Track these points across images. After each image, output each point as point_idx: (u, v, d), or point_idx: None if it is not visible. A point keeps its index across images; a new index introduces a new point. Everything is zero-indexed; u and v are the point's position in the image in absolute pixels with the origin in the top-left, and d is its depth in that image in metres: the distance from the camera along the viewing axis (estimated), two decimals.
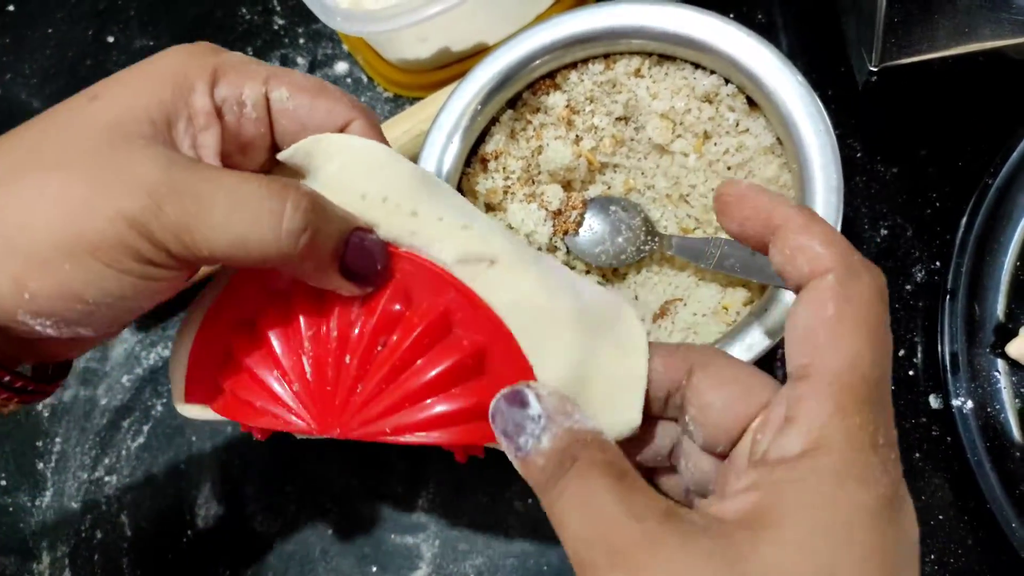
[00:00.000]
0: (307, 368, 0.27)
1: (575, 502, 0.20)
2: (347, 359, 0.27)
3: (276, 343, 0.27)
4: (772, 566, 0.18)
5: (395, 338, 0.26)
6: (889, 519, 0.19)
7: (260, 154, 0.29)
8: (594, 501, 0.20)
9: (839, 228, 0.37)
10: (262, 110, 0.27)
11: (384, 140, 0.29)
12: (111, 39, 0.55)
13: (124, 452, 0.48)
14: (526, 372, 0.26)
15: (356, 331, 0.27)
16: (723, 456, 0.24)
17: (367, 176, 0.27)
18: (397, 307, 0.27)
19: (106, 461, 0.48)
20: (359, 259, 0.26)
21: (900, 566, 0.19)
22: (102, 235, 0.23)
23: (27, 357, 0.28)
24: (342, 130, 0.28)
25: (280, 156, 0.28)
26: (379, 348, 0.26)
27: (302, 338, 0.27)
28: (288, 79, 0.27)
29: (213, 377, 0.30)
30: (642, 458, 0.26)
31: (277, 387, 0.27)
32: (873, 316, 0.21)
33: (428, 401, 0.26)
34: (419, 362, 0.26)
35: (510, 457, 0.23)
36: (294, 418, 0.27)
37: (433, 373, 0.26)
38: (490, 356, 0.26)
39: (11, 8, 0.56)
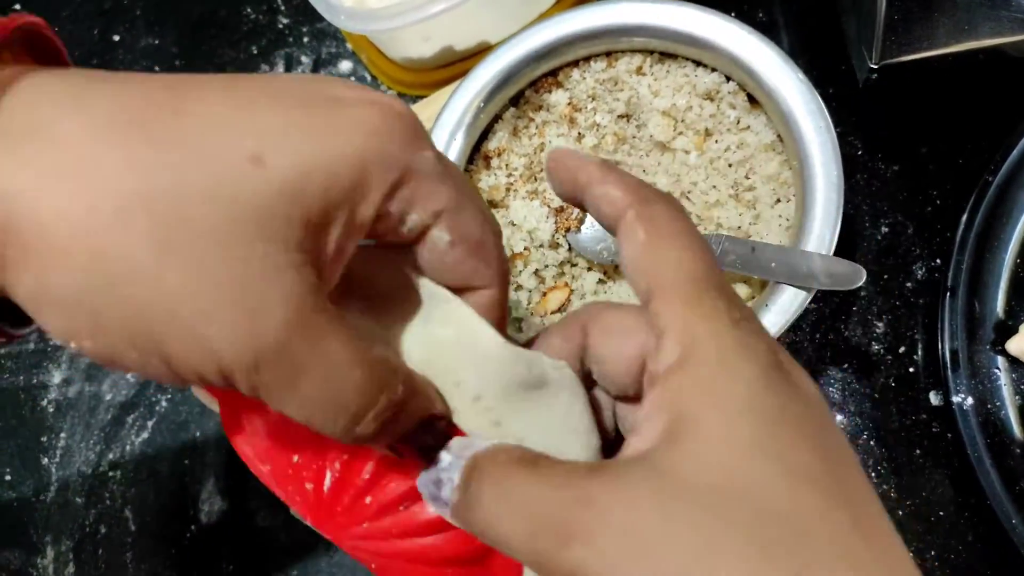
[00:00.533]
0: (327, 481, 0.25)
1: (495, 505, 0.20)
2: (365, 499, 0.25)
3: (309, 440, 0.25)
4: (702, 466, 0.18)
5: (417, 507, 0.25)
6: (781, 380, 0.19)
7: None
8: (514, 494, 0.20)
9: (839, 225, 0.37)
10: (413, 237, 0.23)
11: (504, 320, 0.26)
12: (117, 38, 0.55)
13: (128, 447, 0.48)
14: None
15: (386, 481, 0.25)
16: (639, 399, 0.24)
17: (472, 365, 0.24)
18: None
19: (110, 456, 0.48)
20: (411, 450, 0.23)
21: (811, 422, 0.19)
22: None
23: None
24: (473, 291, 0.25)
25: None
26: (401, 508, 0.25)
27: (339, 450, 0.25)
28: (456, 222, 0.23)
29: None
30: (611, 428, 0.26)
31: (290, 472, 0.25)
32: (677, 225, 0.22)
33: (419, 540, 0.25)
34: (430, 539, 0.25)
35: (450, 519, 0.22)
36: (296, 501, 0.26)
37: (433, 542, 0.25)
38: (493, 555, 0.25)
39: (17, 7, 0.57)
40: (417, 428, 0.23)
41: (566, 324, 0.25)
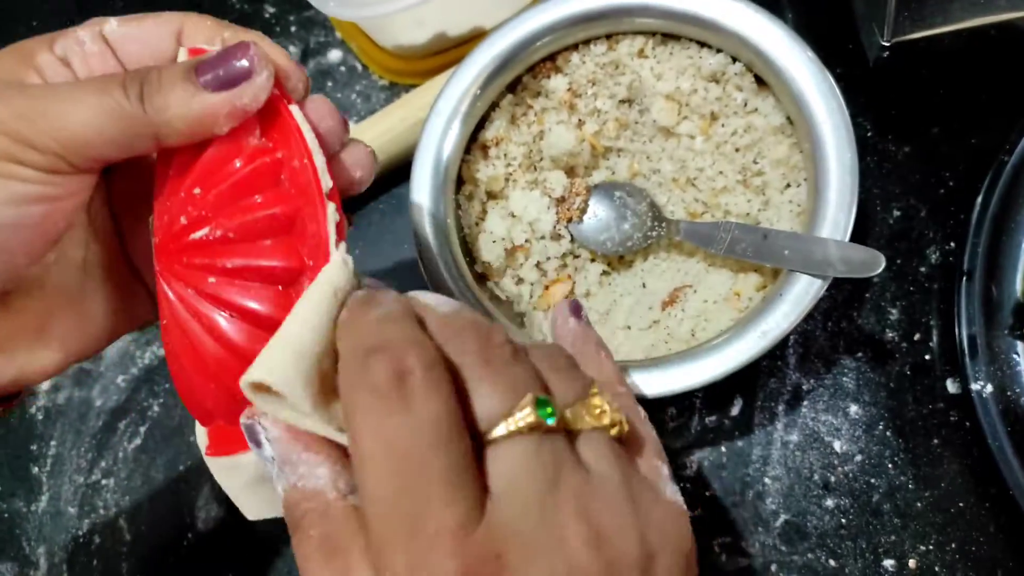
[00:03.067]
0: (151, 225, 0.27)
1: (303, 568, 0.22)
2: (196, 191, 0.26)
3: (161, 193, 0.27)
4: None
5: (224, 172, 0.26)
6: None
7: None
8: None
9: (855, 210, 0.36)
10: (101, 43, 0.28)
11: (221, 21, 0.30)
12: None
13: (121, 454, 0.47)
14: (324, 249, 0.26)
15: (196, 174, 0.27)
16: None
17: None
18: (253, 140, 0.26)
19: (103, 464, 0.47)
20: (218, 71, 0.26)
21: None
22: None
23: None
24: (180, 34, 0.29)
25: None
26: (207, 191, 0.26)
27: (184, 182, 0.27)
28: (112, 18, 0.29)
29: None
30: None
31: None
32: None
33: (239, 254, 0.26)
34: (255, 198, 0.26)
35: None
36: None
37: (256, 211, 0.26)
38: (301, 220, 0.26)
39: None
40: (206, 62, 0.26)
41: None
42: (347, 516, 0.22)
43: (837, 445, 0.42)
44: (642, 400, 0.34)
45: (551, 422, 0.22)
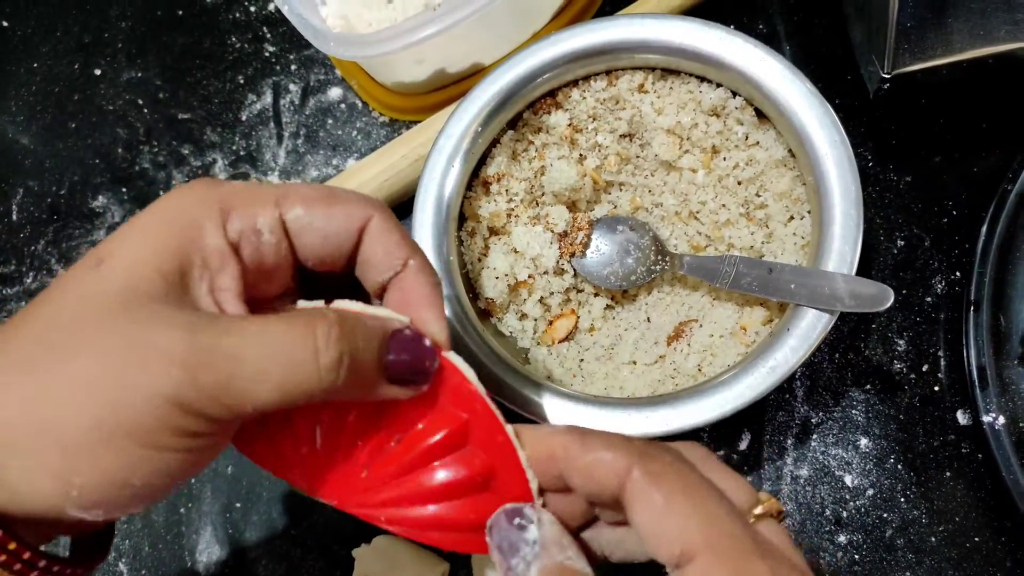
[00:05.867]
0: (317, 437, 0.26)
1: None
2: (358, 443, 0.26)
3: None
4: None
5: (411, 434, 0.26)
6: None
7: (285, 274, 0.27)
8: None
9: (860, 242, 0.36)
10: (279, 233, 0.26)
11: (406, 233, 0.28)
12: (98, 72, 0.54)
13: None
14: (528, 499, 0.26)
15: (374, 421, 0.26)
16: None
17: None
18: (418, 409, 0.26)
19: None
20: (403, 365, 0.25)
21: None
22: (140, 418, 0.21)
23: (62, 529, 0.26)
24: (362, 230, 0.27)
25: None
26: (393, 443, 0.26)
27: (318, 410, 0.26)
28: (298, 195, 0.26)
29: None
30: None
31: (287, 441, 0.26)
32: (688, 479, 0.22)
33: (430, 507, 0.26)
34: (434, 465, 0.26)
35: (500, 571, 0.23)
36: (295, 473, 0.26)
37: (441, 477, 0.25)
38: (497, 478, 0.26)
39: None
40: (394, 359, 0.25)
41: (538, 459, 0.25)
42: None
43: (848, 479, 0.41)
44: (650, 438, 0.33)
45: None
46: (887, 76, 0.38)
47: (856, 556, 0.40)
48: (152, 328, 0.22)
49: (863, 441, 0.41)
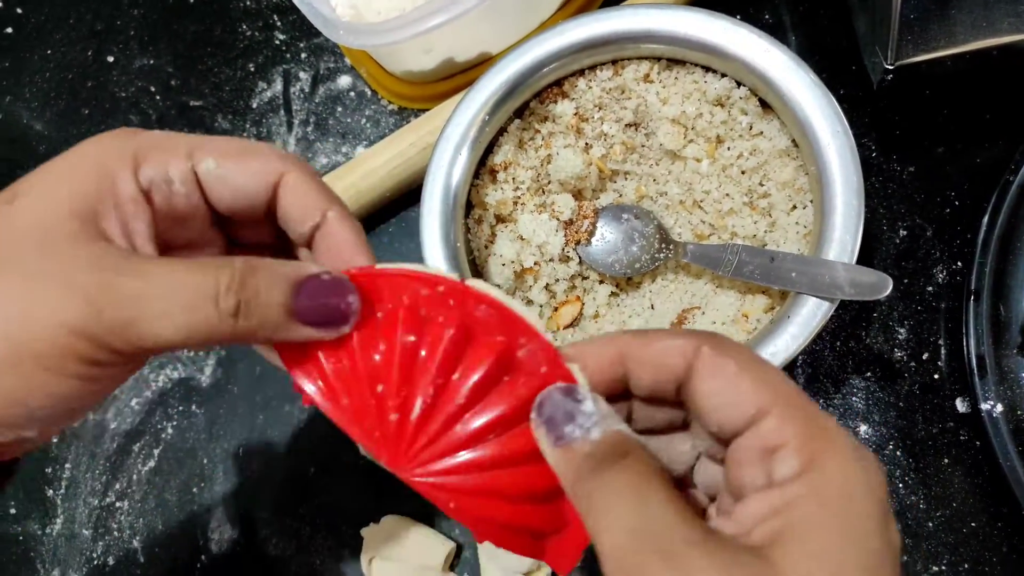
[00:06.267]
0: (418, 405, 0.25)
1: (627, 493, 0.21)
2: (458, 428, 0.25)
3: (394, 359, 0.25)
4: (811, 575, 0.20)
5: (506, 437, 0.25)
6: (888, 524, 0.21)
7: (199, 224, 0.28)
8: (648, 497, 0.21)
9: (861, 232, 0.36)
10: (191, 184, 0.27)
11: (324, 186, 0.28)
12: (111, 59, 0.54)
13: (135, 476, 0.47)
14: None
15: (482, 406, 0.25)
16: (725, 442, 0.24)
17: None
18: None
19: (117, 486, 0.47)
20: (313, 309, 0.25)
21: (898, 569, 0.21)
22: (45, 345, 0.23)
23: None
24: (277, 185, 0.27)
25: None
26: (491, 437, 0.25)
27: (432, 375, 0.25)
28: (212, 147, 0.27)
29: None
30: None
31: (373, 403, 0.25)
32: (749, 353, 0.23)
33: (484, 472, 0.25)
34: (511, 472, 0.25)
35: (544, 446, 0.23)
36: (372, 445, 0.25)
37: (487, 416, 0.25)
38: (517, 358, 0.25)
39: (9, 30, 0.56)
40: (303, 301, 0.25)
41: (600, 355, 0.25)
42: None
43: None
44: None
45: None
46: (891, 67, 0.39)
47: None
48: (61, 261, 0.23)
49: (863, 428, 0.42)
